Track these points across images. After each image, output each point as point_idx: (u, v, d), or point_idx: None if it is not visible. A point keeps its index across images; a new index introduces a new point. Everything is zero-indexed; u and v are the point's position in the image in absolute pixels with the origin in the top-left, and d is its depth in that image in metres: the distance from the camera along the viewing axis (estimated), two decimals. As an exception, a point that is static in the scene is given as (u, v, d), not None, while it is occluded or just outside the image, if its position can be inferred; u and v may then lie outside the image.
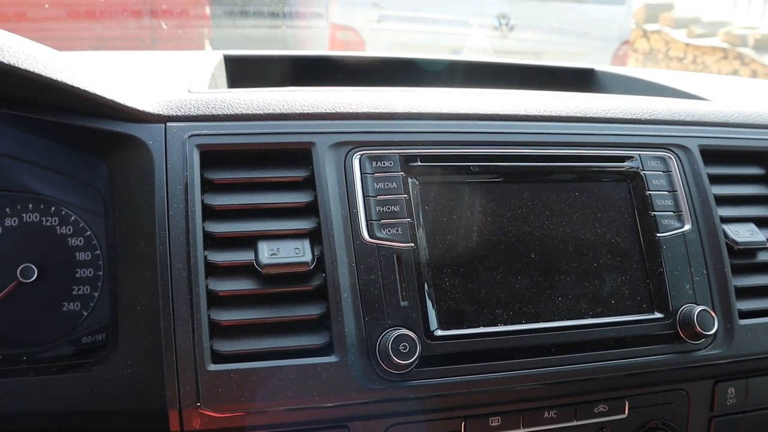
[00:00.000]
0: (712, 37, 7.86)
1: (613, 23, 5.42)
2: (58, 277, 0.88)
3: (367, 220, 0.82)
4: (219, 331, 0.77)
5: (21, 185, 0.89)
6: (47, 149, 0.88)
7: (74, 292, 0.89)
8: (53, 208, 0.89)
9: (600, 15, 5.41)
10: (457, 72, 1.55)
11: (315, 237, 0.82)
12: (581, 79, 1.60)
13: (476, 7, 5.07)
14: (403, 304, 0.80)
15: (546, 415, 0.87)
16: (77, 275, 0.89)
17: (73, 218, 0.90)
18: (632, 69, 1.64)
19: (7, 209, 0.88)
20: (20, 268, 0.87)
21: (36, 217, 0.89)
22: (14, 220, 0.89)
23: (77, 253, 0.89)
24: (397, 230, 0.82)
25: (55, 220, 0.90)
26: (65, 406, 0.76)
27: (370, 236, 0.82)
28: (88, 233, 0.90)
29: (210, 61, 1.23)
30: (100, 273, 0.89)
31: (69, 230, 0.90)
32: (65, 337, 0.88)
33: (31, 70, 0.73)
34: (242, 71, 1.38)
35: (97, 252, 0.90)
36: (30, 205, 0.89)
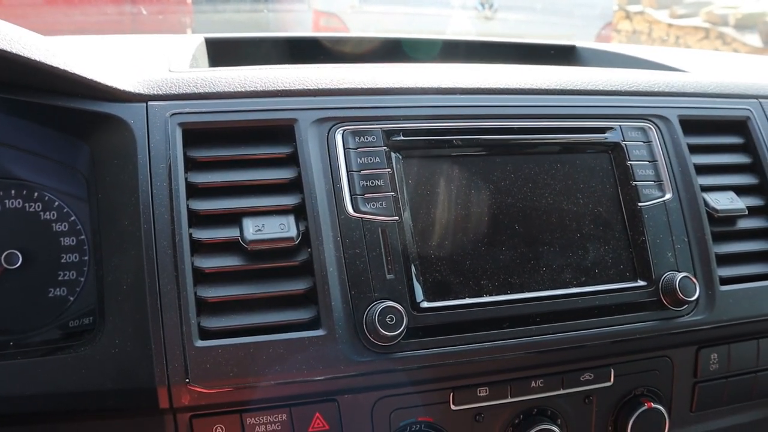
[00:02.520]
0: (694, 17, 7.90)
1: (596, 4, 5.43)
2: (43, 263, 0.88)
3: (351, 195, 0.82)
4: (206, 307, 0.77)
5: (2, 170, 0.88)
6: (27, 132, 0.88)
7: (60, 278, 0.88)
8: (36, 194, 0.89)
9: (582, -3, 5.41)
10: (440, 50, 1.55)
11: (300, 212, 0.82)
12: (563, 56, 1.61)
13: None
14: (389, 277, 0.81)
15: (533, 384, 0.88)
16: (62, 261, 0.88)
17: (56, 203, 0.89)
18: (612, 45, 1.65)
19: None
20: (4, 254, 0.86)
21: (19, 203, 0.88)
22: None
23: (62, 239, 0.89)
24: (381, 204, 0.83)
25: (38, 206, 0.89)
26: (54, 387, 0.76)
27: (355, 210, 0.82)
28: (73, 218, 0.89)
29: (191, 43, 1.22)
30: (86, 258, 0.89)
31: (53, 216, 0.89)
32: (52, 323, 0.88)
33: (9, 50, 0.73)
34: (223, 53, 1.36)
35: (82, 237, 0.89)
36: (12, 191, 0.88)
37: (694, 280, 0.90)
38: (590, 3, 5.34)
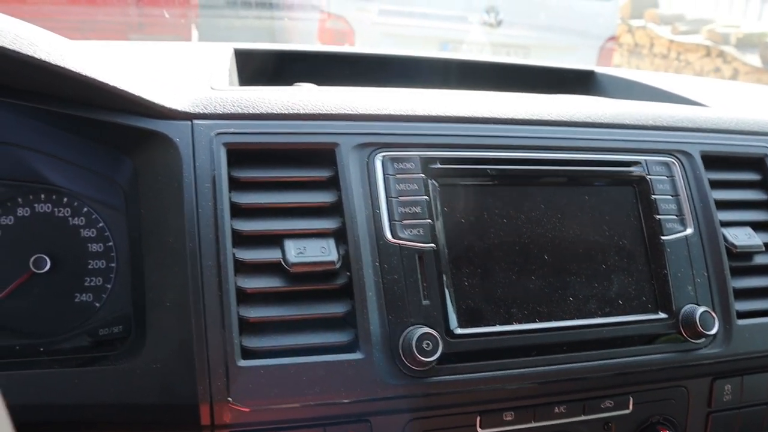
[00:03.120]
0: (696, 34, 7.99)
1: (600, 18, 5.46)
2: (70, 268, 0.89)
3: (390, 221, 0.84)
4: (248, 327, 0.79)
5: (33, 175, 0.89)
6: (69, 143, 0.88)
7: (86, 284, 0.89)
8: (65, 199, 0.89)
9: (587, 10, 5.44)
10: (458, 71, 1.57)
11: (340, 236, 0.84)
12: (581, 81, 1.63)
13: (465, 1, 5.08)
14: (424, 303, 0.82)
15: (556, 410, 0.90)
16: (89, 267, 0.89)
17: (85, 209, 0.90)
18: (631, 71, 1.68)
19: (19, 199, 0.88)
20: (33, 258, 0.87)
21: (48, 207, 0.89)
22: (26, 211, 0.89)
23: (89, 245, 0.90)
24: (418, 231, 0.85)
25: (67, 211, 0.90)
26: (93, 398, 0.77)
27: (393, 236, 0.84)
28: (101, 224, 0.90)
29: (223, 55, 1.23)
30: (113, 265, 0.90)
31: (81, 221, 0.90)
32: (79, 329, 0.88)
33: (62, 65, 0.74)
34: (251, 65, 1.38)
35: (110, 244, 0.90)
36: (42, 196, 0.89)
37: (714, 314, 0.92)
38: (594, 18, 5.37)
